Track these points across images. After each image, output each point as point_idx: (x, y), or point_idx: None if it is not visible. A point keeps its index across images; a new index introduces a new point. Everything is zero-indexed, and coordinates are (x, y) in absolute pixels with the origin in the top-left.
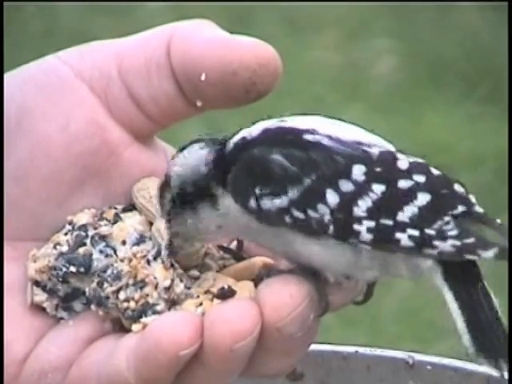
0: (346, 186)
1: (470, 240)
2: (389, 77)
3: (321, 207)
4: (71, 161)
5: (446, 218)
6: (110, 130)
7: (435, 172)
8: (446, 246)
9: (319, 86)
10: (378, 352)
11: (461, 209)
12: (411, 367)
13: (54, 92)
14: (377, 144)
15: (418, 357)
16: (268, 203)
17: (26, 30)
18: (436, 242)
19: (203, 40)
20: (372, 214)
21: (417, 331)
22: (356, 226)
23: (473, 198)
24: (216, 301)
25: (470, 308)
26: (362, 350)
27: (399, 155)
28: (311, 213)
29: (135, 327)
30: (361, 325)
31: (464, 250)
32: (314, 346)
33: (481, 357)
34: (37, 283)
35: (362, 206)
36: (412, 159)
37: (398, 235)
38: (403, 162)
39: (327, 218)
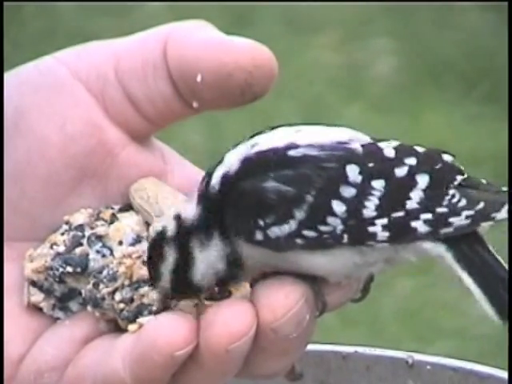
0: (348, 191)
1: (481, 205)
2: (388, 77)
3: (331, 219)
4: (68, 161)
5: (451, 192)
6: (107, 131)
7: (420, 150)
8: (461, 219)
9: (319, 86)
10: (378, 352)
11: (459, 178)
12: (411, 367)
13: (50, 92)
14: (353, 138)
15: (418, 357)
16: (276, 231)
17: (26, 30)
18: (451, 219)
19: (199, 41)
20: (381, 210)
21: (417, 331)
22: (371, 228)
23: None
24: (211, 301)
25: (484, 279)
26: (361, 349)
27: (381, 144)
28: (322, 228)
29: (131, 327)
30: (361, 325)
31: (479, 218)
32: (313, 346)
33: (506, 323)
34: (33, 283)
35: (369, 207)
36: (394, 144)
37: (414, 224)
38: (389, 150)
39: (340, 228)
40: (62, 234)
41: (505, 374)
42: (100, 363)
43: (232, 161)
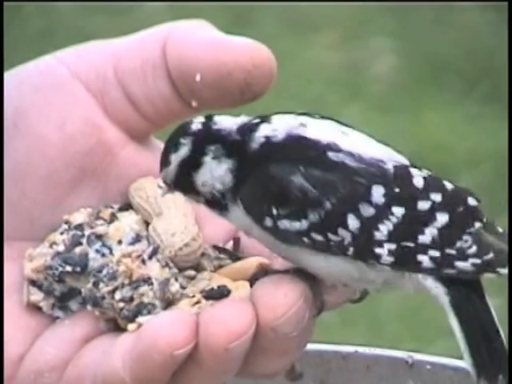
0: (367, 210)
1: (490, 256)
2: (388, 76)
3: (341, 231)
4: (67, 161)
5: (465, 237)
6: (106, 130)
7: (449, 186)
8: (467, 265)
9: (319, 86)
10: (378, 351)
11: (477, 225)
12: (411, 367)
13: (50, 92)
14: (390, 158)
15: (418, 356)
16: (286, 224)
17: (26, 29)
18: (457, 263)
19: (198, 41)
20: (393, 236)
21: (417, 330)
22: (377, 249)
23: (483, 210)
24: (211, 301)
25: (472, 332)
26: (361, 349)
27: (413, 170)
28: (331, 236)
29: (131, 327)
30: (361, 324)
31: (483, 268)
32: (313, 346)
33: (481, 378)
34: (33, 282)
35: (383, 230)
36: (425, 173)
37: (420, 257)
38: (418, 179)
39: (348, 240)
40: (62, 233)
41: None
42: (100, 363)
43: (279, 127)
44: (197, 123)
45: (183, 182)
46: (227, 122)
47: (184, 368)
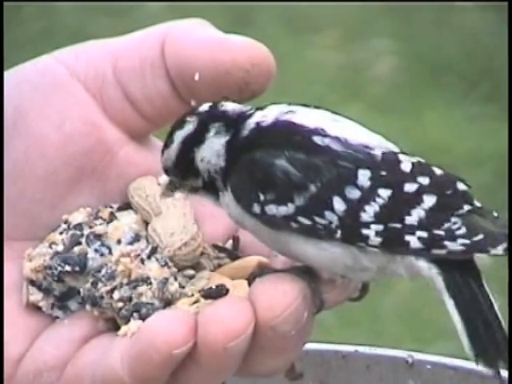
0: (353, 192)
1: (479, 237)
2: (388, 77)
3: (328, 214)
4: (66, 160)
5: (454, 219)
6: (105, 130)
7: (438, 172)
8: (456, 245)
9: (319, 86)
10: (378, 351)
11: (466, 208)
12: (411, 366)
13: (49, 92)
14: (379, 145)
15: (418, 356)
16: (273, 209)
17: (26, 30)
18: (445, 242)
19: (197, 40)
20: (380, 218)
21: (417, 331)
22: (364, 231)
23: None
24: (209, 300)
25: (469, 313)
26: (361, 349)
27: (401, 156)
28: (318, 219)
29: (122, 331)
30: (361, 325)
31: (473, 248)
32: (313, 346)
33: (479, 361)
34: (32, 282)
35: (369, 212)
36: (414, 159)
37: (408, 238)
38: (406, 164)
39: (335, 223)
40: (61, 233)
41: (505, 374)
42: (98, 362)
43: (269, 114)
44: (204, 106)
45: (184, 160)
46: (231, 106)
47: (183, 367)
